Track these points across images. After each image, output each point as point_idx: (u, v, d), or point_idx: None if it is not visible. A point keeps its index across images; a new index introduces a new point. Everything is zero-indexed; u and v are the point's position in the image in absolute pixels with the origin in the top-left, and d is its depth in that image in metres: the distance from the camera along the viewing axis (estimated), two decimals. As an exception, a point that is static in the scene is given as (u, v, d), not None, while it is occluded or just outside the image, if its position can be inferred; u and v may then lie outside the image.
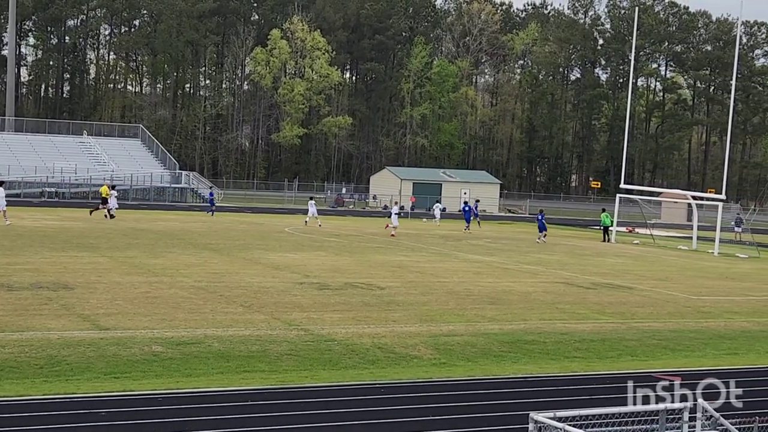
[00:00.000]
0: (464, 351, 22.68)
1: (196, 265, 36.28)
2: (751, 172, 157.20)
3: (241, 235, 52.46)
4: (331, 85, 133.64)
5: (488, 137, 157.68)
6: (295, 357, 20.97)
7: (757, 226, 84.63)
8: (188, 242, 46.07)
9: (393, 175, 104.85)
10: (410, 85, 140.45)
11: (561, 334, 25.44)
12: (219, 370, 19.48)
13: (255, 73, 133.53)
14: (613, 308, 30.85)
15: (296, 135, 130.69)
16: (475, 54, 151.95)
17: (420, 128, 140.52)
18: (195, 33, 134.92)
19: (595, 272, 42.03)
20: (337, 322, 25.36)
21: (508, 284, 35.73)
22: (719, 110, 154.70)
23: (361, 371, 20.12)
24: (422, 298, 30.63)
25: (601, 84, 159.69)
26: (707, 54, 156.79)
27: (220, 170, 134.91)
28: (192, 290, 29.48)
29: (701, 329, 27.77)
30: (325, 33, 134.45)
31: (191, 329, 23.22)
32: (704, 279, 42.10)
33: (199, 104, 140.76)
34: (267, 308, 26.85)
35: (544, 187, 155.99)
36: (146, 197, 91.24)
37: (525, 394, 18.90)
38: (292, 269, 36.63)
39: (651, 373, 21.54)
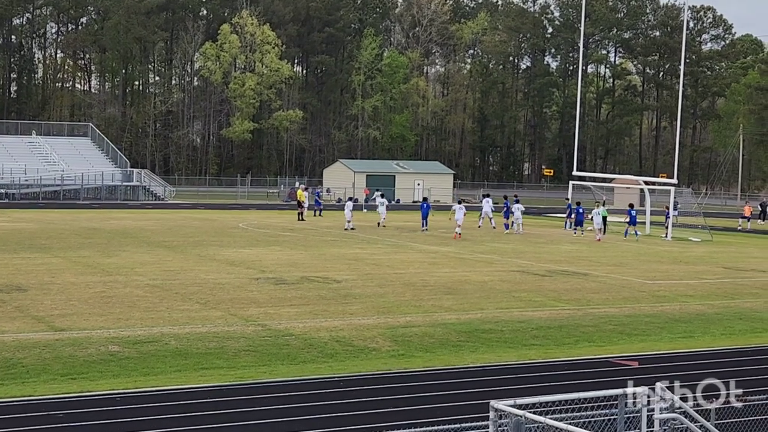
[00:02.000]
0: (422, 342, 22.71)
1: (150, 264, 36.05)
2: (702, 155, 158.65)
3: (195, 231, 52.18)
4: (281, 79, 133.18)
5: (440, 128, 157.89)
6: (253, 353, 20.91)
7: (709, 209, 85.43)
8: (142, 240, 45.76)
9: (346, 167, 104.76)
10: (361, 77, 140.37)
11: (518, 322, 25.55)
12: (177, 368, 19.38)
13: (205, 69, 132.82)
14: (569, 295, 31.02)
15: (247, 130, 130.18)
16: (425, 45, 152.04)
17: (372, 120, 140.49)
18: (143, 29, 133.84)
19: (551, 260, 42.22)
20: (295, 316, 25.30)
21: (465, 274, 35.82)
22: (668, 95, 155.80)
23: (319, 365, 20.10)
24: (379, 290, 30.64)
25: (552, 72, 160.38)
26: (655, 40, 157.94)
27: (172, 167, 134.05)
28: (147, 289, 29.29)
29: (656, 313, 28.00)
30: (275, 27, 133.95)
31: (148, 328, 23.08)
32: (658, 263, 42.43)
33: (149, 101, 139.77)
34: (223, 305, 26.74)
35: (497, 176, 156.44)
36: (98, 196, 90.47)
37: (484, 383, 18.96)
38: (248, 265, 36.50)
39: (608, 359, 21.70)
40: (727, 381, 14.74)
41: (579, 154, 76.69)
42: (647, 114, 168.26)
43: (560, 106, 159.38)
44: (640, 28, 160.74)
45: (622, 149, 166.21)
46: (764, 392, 14.78)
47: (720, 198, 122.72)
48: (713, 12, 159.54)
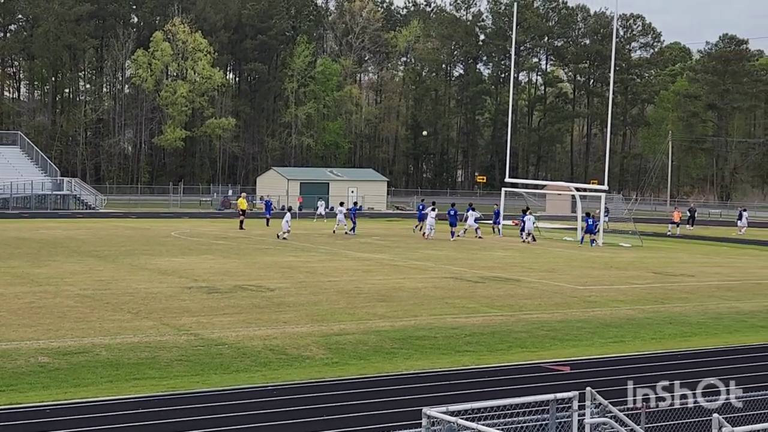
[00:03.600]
0: (356, 349, 22.72)
1: (81, 273, 35.65)
2: (632, 162, 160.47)
3: (127, 240, 51.71)
4: (214, 86, 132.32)
5: (374, 135, 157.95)
6: (185, 362, 20.76)
7: (639, 215, 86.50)
8: (72, 250, 45.23)
9: (279, 175, 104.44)
10: (294, 84, 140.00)
11: (451, 329, 25.65)
12: (108, 378, 19.18)
13: (136, 76, 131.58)
14: (501, 301, 31.22)
15: (180, 138, 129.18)
16: (359, 52, 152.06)
17: (305, 128, 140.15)
18: (73, 37, 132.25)
19: (483, 266, 42.47)
20: (228, 325, 25.17)
21: (398, 281, 35.89)
22: (599, 102, 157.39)
23: (253, 374, 20.02)
24: (313, 298, 30.59)
25: (484, 80, 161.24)
26: (586, 48, 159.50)
27: (103, 176, 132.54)
28: (78, 299, 28.96)
29: (588, 318, 28.28)
30: (207, 34, 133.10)
31: (78, 338, 22.82)
32: (590, 269, 42.87)
33: (79, 109, 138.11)
34: (155, 314, 26.52)
35: (431, 183, 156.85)
36: (27, 205, 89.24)
37: (418, 389, 19.00)
38: (180, 274, 36.24)
39: (541, 364, 21.86)
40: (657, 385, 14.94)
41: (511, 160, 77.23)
42: (578, 121, 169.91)
43: (493, 113, 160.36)
44: (571, 36, 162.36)
45: (553, 156, 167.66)
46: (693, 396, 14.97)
47: (650, 204, 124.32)
48: (642, 20, 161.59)
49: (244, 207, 63.91)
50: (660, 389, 14.48)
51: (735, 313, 30.44)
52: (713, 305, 31.93)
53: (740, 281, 39.48)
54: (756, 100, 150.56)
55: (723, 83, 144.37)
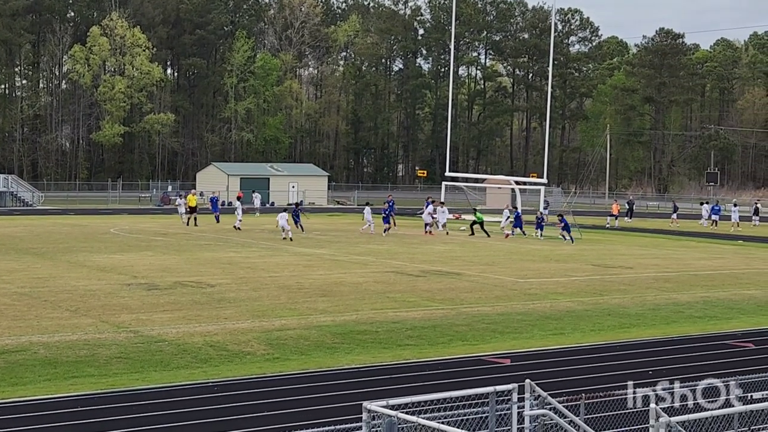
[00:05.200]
0: (297, 345, 22.69)
1: (18, 271, 35.22)
2: (571, 155, 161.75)
3: (65, 237, 51.16)
4: (152, 82, 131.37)
5: (314, 130, 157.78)
6: (125, 360, 20.61)
7: (578, 208, 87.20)
8: (9, 247, 44.67)
9: (219, 170, 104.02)
10: (233, 79, 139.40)
11: (393, 323, 25.70)
12: (46, 377, 18.99)
13: (74, 72, 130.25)
14: (442, 295, 31.33)
15: (118, 134, 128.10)
16: (298, 47, 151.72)
17: (245, 123, 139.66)
18: (8, 32, 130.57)
19: (424, 260, 42.58)
20: (168, 322, 25.02)
21: (339, 276, 35.88)
22: (538, 96, 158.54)
23: (193, 370, 19.92)
24: (254, 293, 30.49)
25: (424, 74, 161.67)
26: (525, 42, 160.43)
27: (41, 172, 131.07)
28: (15, 296, 28.62)
29: (528, 311, 28.47)
30: (145, 29, 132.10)
31: (15, 337, 22.55)
32: (530, 262, 43.14)
33: (15, 105, 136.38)
34: (94, 311, 26.28)
35: (372, 178, 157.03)
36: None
37: (359, 384, 19.02)
38: (119, 271, 35.95)
39: (481, 357, 21.98)
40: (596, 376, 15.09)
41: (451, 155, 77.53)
42: (517, 115, 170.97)
43: (433, 107, 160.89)
44: (510, 30, 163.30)
45: (493, 150, 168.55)
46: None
47: (589, 197, 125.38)
48: (580, 15, 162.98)
49: (194, 203, 63.27)
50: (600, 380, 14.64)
51: (672, 304, 30.80)
52: (651, 297, 32.29)
53: (677, 273, 39.96)
54: (692, 94, 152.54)
55: (660, 77, 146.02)
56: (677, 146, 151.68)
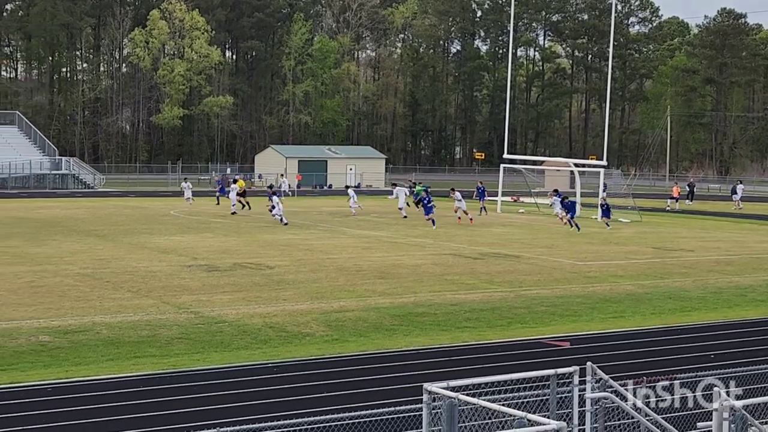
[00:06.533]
0: (356, 326, 22.75)
1: (80, 252, 35.66)
2: (631, 137, 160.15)
3: (126, 219, 51.68)
4: (211, 64, 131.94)
5: (372, 112, 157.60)
6: (186, 340, 20.80)
7: (638, 190, 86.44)
8: (71, 229, 45.22)
9: (278, 153, 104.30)
10: (291, 62, 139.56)
11: (451, 305, 25.68)
12: (109, 357, 19.22)
13: (134, 55, 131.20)
14: (501, 277, 31.24)
15: (177, 116, 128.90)
16: (356, 29, 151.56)
17: (303, 105, 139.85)
18: (70, 16, 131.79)
19: (483, 242, 42.46)
20: (228, 303, 25.20)
21: (398, 258, 35.90)
22: (597, 78, 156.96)
23: (253, 351, 20.05)
24: (312, 275, 30.60)
25: (482, 56, 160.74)
26: (584, 23, 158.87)
27: (102, 155, 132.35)
28: (78, 278, 28.98)
29: (587, 294, 28.30)
30: (204, 12, 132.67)
31: (79, 317, 22.84)
32: (589, 245, 42.85)
33: (77, 88, 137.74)
34: (155, 293, 26.54)
35: (429, 160, 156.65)
36: (26, 185, 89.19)
37: (418, 366, 19.03)
38: (180, 252, 36.25)
39: (540, 340, 21.90)
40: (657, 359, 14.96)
41: (510, 137, 77.12)
42: (576, 97, 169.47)
43: (490, 89, 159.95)
44: (569, 11, 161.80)
45: (552, 132, 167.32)
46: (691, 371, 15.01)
47: (648, 179, 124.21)
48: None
49: (243, 185, 63.57)
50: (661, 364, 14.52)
51: (734, 287, 30.46)
52: (713, 280, 31.96)
53: (739, 255, 39.50)
54: (754, 75, 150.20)
55: (721, 57, 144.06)
56: (739, 128, 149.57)
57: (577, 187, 65.89)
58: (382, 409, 11.37)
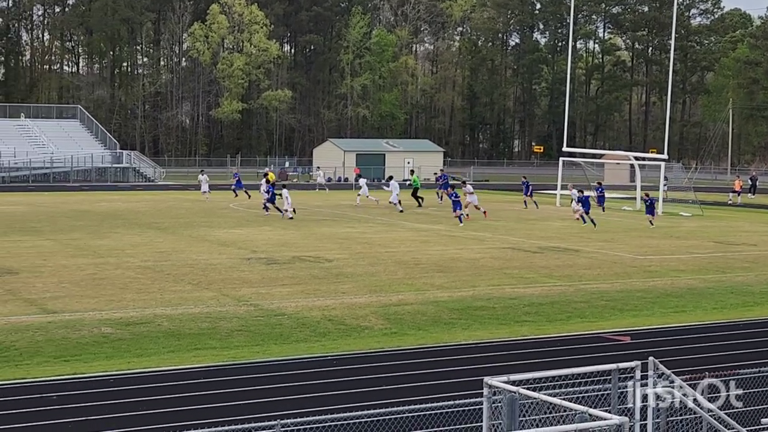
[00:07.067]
0: (415, 320, 22.74)
1: (141, 245, 36.01)
2: (692, 130, 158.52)
3: (186, 212, 52.09)
4: (270, 58, 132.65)
5: (429, 105, 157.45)
6: (245, 333, 20.92)
7: (699, 184, 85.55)
8: (132, 222, 45.68)
9: (336, 146, 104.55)
10: (350, 56, 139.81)
11: (510, 299, 25.59)
12: (170, 348, 19.38)
13: (193, 49, 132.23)
14: (560, 271, 31.07)
15: (236, 110, 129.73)
16: (414, 22, 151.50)
17: (361, 99, 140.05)
18: (130, 11, 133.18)
19: (541, 236, 42.26)
20: (287, 296, 25.31)
21: (456, 251, 35.84)
22: (658, 70, 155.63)
23: (312, 344, 20.12)
24: (371, 268, 30.64)
25: (540, 48, 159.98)
26: (644, 15, 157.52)
27: (162, 148, 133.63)
28: (139, 270, 29.27)
29: (648, 288, 28.06)
30: (263, 6, 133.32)
31: (140, 309, 23.07)
32: (649, 239, 42.47)
33: (137, 82, 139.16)
34: (215, 285, 26.73)
35: (488, 154, 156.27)
36: (87, 178, 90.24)
37: (477, 359, 18.99)
38: (239, 245, 36.48)
39: (600, 334, 21.75)
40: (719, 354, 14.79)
41: (569, 130, 76.61)
42: (636, 89, 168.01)
43: (549, 82, 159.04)
44: (629, 3, 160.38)
45: (611, 125, 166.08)
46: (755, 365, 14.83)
47: (710, 172, 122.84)
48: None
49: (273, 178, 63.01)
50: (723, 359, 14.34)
51: (798, 282, 30.04)
52: (775, 274, 31.54)
53: (803, 250, 38.95)
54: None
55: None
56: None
57: (637, 180, 65.33)
58: (441, 403, 11.35)
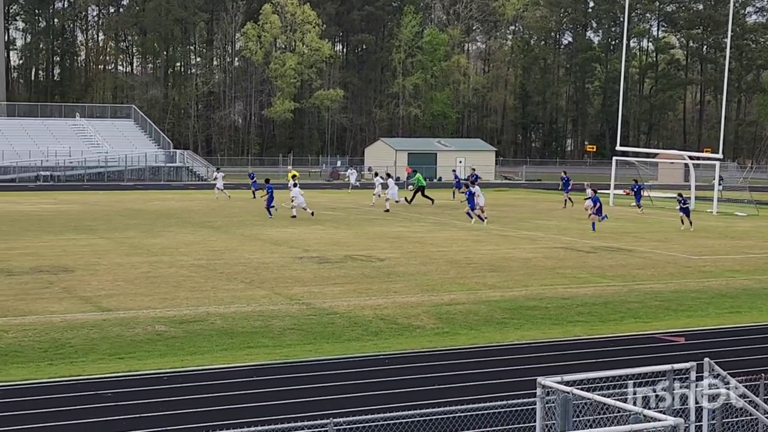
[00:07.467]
0: (466, 319, 22.70)
1: (195, 244, 36.25)
2: (747, 129, 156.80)
3: (239, 211, 52.35)
4: (322, 58, 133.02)
5: (481, 105, 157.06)
6: (298, 331, 20.98)
7: (755, 183, 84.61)
8: (186, 221, 46.00)
9: (387, 146, 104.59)
10: (401, 55, 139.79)
11: (563, 299, 25.46)
12: (223, 347, 19.49)
13: (246, 49, 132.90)
14: (613, 271, 30.86)
15: (289, 110, 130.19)
16: (466, 21, 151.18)
17: (413, 98, 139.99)
18: (184, 11, 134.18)
19: (595, 236, 42.00)
20: (339, 295, 25.36)
21: (508, 251, 35.72)
22: (713, 69, 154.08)
23: (364, 343, 20.14)
24: (422, 268, 30.62)
25: (593, 47, 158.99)
26: (699, 13, 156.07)
27: (214, 148, 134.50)
28: (192, 268, 29.46)
29: (703, 289, 27.79)
30: (315, 6, 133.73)
31: (193, 307, 23.22)
32: (704, 239, 42.07)
33: (190, 82, 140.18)
34: (268, 284, 26.84)
35: (540, 153, 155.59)
36: (141, 177, 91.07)
37: (529, 359, 18.91)
38: (291, 244, 36.60)
39: (654, 335, 21.57)
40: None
41: (622, 129, 76.11)
42: (691, 88, 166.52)
43: (602, 81, 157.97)
44: (683, 1, 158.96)
45: (665, 124, 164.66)
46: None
47: (765, 172, 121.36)
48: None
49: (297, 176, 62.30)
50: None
51: None
52: (833, 275, 31.11)
53: None
54: None
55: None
56: None
57: (691, 180, 64.71)
58: (493, 403, 11.31)
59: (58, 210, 52.13)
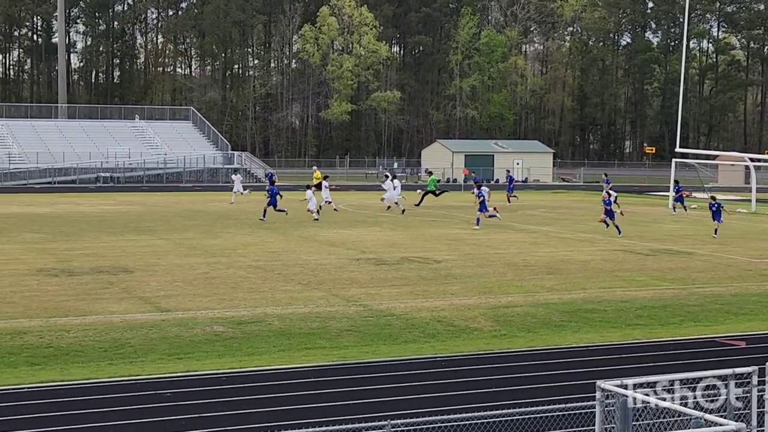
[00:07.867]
0: (524, 322, 22.60)
1: (252, 245, 36.45)
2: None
3: (296, 213, 52.48)
4: (379, 60, 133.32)
5: (539, 106, 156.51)
6: (355, 333, 21.01)
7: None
8: (243, 222, 46.27)
9: (444, 147, 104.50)
10: (458, 56, 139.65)
11: (621, 302, 25.26)
12: (280, 348, 19.56)
13: (303, 51, 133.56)
14: (673, 274, 30.57)
15: (346, 111, 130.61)
16: (524, 22, 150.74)
17: (470, 100, 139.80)
18: (242, 13, 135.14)
19: (654, 238, 41.64)
20: (396, 296, 25.35)
21: (566, 253, 35.52)
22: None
23: (421, 345, 20.12)
24: (479, 270, 30.53)
25: (652, 48, 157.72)
26: (760, 13, 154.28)
27: (272, 149, 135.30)
28: (250, 270, 29.62)
29: (764, 292, 27.44)
30: (372, 8, 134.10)
31: (251, 308, 23.34)
32: (765, 242, 41.55)
33: (248, 84, 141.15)
34: (325, 285, 26.91)
35: (598, 155, 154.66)
36: (200, 179, 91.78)
37: (588, 363, 18.78)
38: (348, 245, 36.67)
39: (714, 338, 21.34)
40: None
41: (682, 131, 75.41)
42: (752, 89, 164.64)
43: (662, 82, 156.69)
44: (744, 1, 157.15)
45: (725, 126, 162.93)
46: None
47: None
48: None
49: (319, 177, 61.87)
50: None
51: None
52: None
53: None
54: None
55: None
56: None
57: (752, 182, 64.01)
58: (551, 406, 11.24)
59: (118, 211, 52.69)
